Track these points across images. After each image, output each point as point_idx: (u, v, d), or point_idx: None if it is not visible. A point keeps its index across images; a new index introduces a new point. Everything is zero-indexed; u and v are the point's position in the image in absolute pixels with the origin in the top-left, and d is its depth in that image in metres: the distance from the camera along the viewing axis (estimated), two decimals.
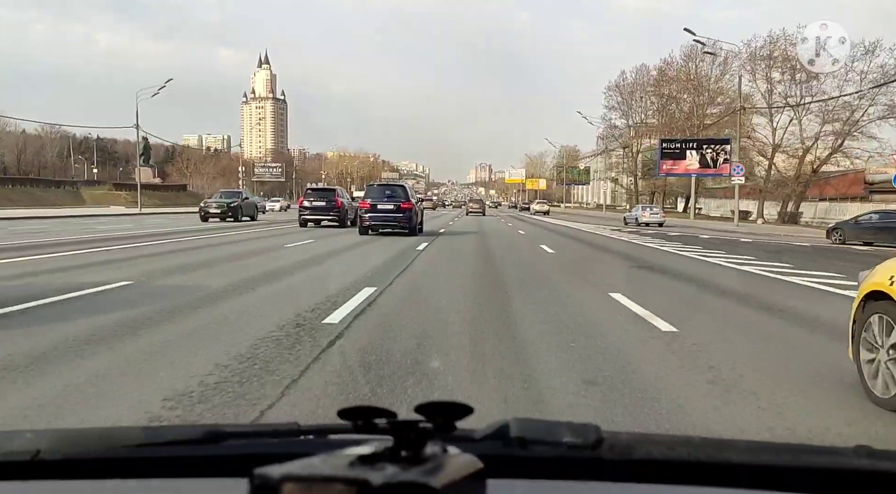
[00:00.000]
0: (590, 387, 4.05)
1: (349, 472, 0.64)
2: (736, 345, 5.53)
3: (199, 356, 4.67)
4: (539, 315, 6.75)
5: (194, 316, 6.34)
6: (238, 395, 3.75)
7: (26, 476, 0.94)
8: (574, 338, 5.58)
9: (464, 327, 6.02)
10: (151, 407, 3.52)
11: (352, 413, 0.78)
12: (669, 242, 21.45)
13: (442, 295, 8.20)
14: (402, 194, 20.90)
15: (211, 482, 0.94)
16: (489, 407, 3.56)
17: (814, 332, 6.30)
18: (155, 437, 1.02)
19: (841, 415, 3.65)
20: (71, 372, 4.21)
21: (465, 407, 0.77)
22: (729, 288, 9.92)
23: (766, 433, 3.30)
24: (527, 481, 0.90)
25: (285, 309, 6.53)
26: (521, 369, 4.48)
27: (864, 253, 18.35)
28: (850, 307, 4.21)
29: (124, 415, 3.42)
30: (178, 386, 3.89)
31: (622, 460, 0.91)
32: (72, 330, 5.42)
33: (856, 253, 18.97)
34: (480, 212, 56.08)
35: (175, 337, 5.38)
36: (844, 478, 0.91)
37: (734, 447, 1.02)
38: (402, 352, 4.86)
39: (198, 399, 3.67)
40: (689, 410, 3.66)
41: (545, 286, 9.36)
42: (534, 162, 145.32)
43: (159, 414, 3.42)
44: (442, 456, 0.71)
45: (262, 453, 0.88)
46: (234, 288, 8.23)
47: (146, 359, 4.62)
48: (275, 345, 4.99)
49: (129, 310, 6.44)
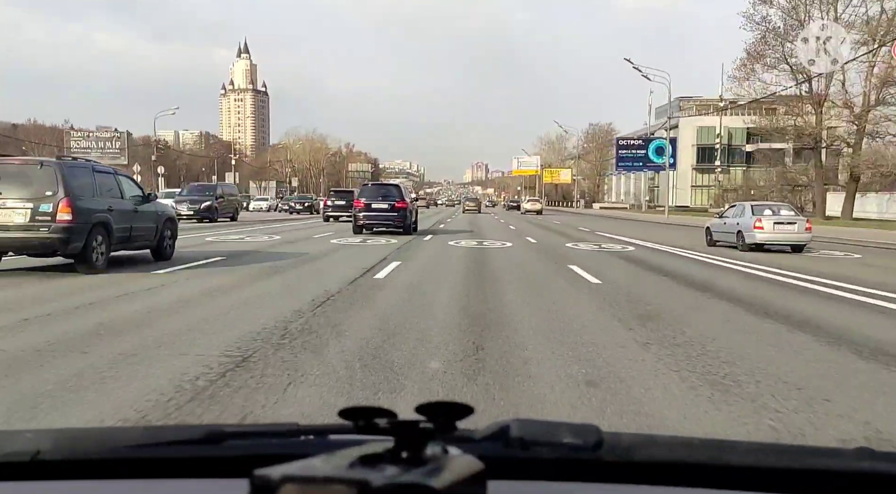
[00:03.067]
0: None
1: (349, 473, 0.64)
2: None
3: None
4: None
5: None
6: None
7: (26, 477, 0.94)
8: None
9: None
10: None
11: (352, 414, 0.78)
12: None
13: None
14: (396, 193, 20.99)
15: (211, 482, 0.93)
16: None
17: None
18: (155, 438, 1.02)
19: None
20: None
21: (466, 407, 0.77)
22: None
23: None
24: (527, 482, 0.90)
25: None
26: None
27: None
28: None
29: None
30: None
31: (622, 461, 0.91)
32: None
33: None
34: (476, 209, 59.44)
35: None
36: (845, 480, 0.91)
37: (735, 448, 1.02)
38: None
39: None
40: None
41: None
42: (552, 147, 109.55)
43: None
44: (442, 457, 0.71)
45: (262, 453, 0.88)
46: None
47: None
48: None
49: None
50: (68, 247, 9.15)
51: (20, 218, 8.95)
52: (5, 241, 9.06)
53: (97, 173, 10.12)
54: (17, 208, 8.98)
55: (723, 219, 17.96)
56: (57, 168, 9.28)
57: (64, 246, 9.10)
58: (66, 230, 8.98)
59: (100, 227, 9.55)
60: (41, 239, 8.98)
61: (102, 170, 10.61)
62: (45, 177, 9.11)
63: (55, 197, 8.96)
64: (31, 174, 9.24)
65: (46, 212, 8.93)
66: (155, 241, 11.22)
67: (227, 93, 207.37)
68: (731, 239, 16.92)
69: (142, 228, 10.79)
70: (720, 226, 17.82)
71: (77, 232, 9.11)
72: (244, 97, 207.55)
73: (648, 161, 56.06)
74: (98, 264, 9.45)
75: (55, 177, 9.09)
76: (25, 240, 9.08)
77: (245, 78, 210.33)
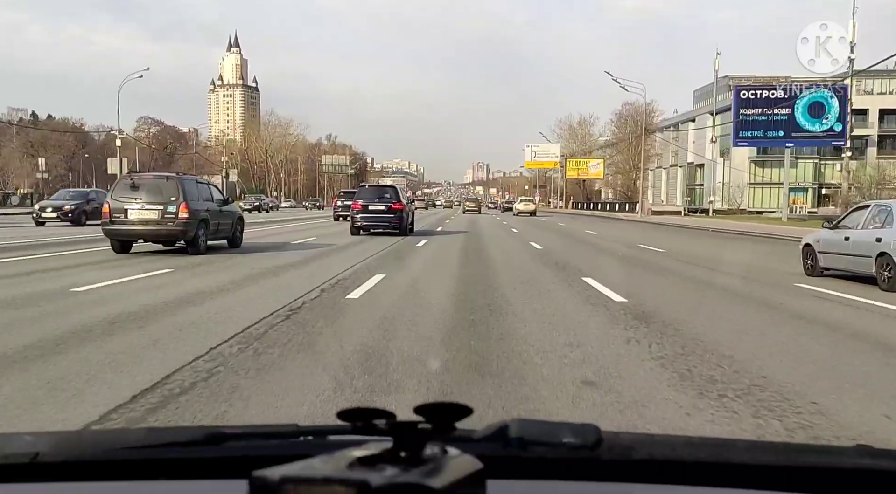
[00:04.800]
0: None
1: (348, 473, 0.64)
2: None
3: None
4: None
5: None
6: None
7: (26, 479, 0.94)
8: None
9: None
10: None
11: (351, 415, 0.78)
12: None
13: None
14: (392, 195, 21.47)
15: (210, 483, 0.93)
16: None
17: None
18: (154, 439, 1.02)
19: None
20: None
21: (465, 407, 0.77)
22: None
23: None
24: (526, 482, 0.90)
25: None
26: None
27: None
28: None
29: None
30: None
31: (621, 460, 0.91)
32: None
33: None
34: (476, 210, 59.20)
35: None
36: (844, 478, 0.91)
37: (734, 447, 1.02)
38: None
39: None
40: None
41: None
42: (573, 134, 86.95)
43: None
44: (441, 457, 0.71)
45: (261, 455, 0.88)
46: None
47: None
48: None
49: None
50: (185, 236, 12.91)
51: (155, 215, 12.71)
52: (145, 232, 12.91)
53: (198, 184, 14.11)
54: (152, 209, 12.71)
55: (839, 229, 10.88)
56: (178, 181, 13.20)
57: (183, 235, 12.92)
58: (185, 224, 12.72)
59: (203, 223, 13.23)
60: (169, 230, 12.80)
61: (201, 181, 14.87)
62: (170, 187, 12.92)
63: (177, 201, 12.66)
64: (161, 185, 13.03)
65: (172, 211, 12.65)
66: (231, 233, 14.79)
67: (215, 89, 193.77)
68: (859, 265, 10.13)
69: (224, 224, 14.40)
70: (835, 243, 10.72)
71: (191, 225, 12.83)
72: (233, 93, 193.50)
73: (796, 127, 36.81)
74: (202, 249, 13.12)
75: (177, 186, 12.91)
76: (158, 231, 12.84)
77: (235, 73, 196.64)
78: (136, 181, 13.29)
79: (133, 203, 12.73)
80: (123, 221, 12.76)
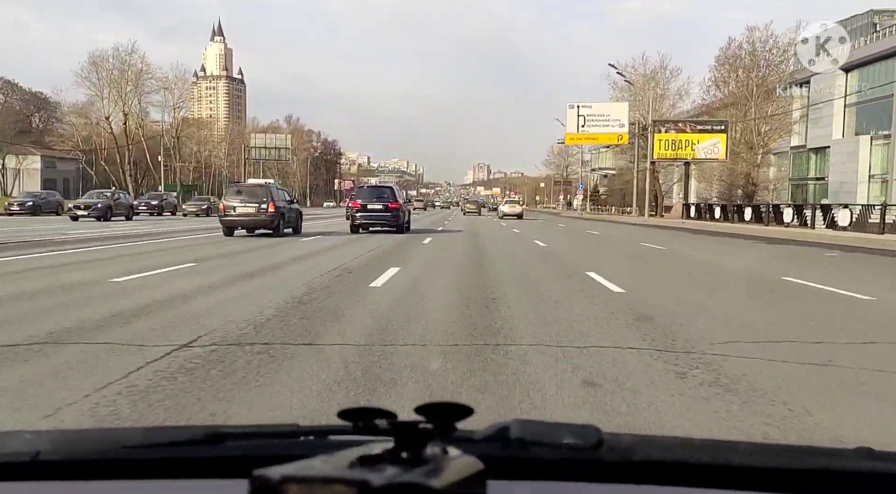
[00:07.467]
0: None
1: (349, 473, 0.64)
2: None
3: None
4: None
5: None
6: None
7: (26, 477, 0.94)
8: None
9: None
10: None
11: (352, 414, 0.78)
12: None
13: None
14: (390, 195, 22.69)
15: (210, 483, 0.93)
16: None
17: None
18: (154, 438, 1.02)
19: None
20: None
21: (466, 407, 0.77)
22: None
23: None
24: (527, 482, 0.90)
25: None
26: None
27: None
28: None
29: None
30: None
31: (622, 461, 0.91)
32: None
33: None
34: (476, 212, 59.08)
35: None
36: (845, 480, 0.91)
37: (735, 449, 1.02)
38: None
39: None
40: None
41: None
42: (640, 87, 50.08)
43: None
44: (442, 458, 0.71)
45: (261, 454, 0.88)
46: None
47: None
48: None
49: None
50: (272, 225, 18.94)
51: (253, 211, 18.76)
52: (247, 222, 18.92)
53: (279, 189, 20.57)
54: (251, 206, 18.78)
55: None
56: (267, 187, 19.70)
57: (271, 224, 18.93)
58: (272, 217, 18.82)
59: (282, 216, 19.27)
60: (262, 220, 18.84)
61: (278, 186, 21.51)
62: (262, 191, 19.15)
63: (267, 201, 18.72)
64: (257, 190, 19.31)
65: (264, 208, 18.72)
66: (295, 223, 20.70)
67: (197, 81, 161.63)
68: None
69: (292, 217, 20.44)
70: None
71: (276, 218, 18.92)
72: (216, 85, 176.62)
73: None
74: (281, 234, 19.07)
75: (267, 190, 19.23)
76: (256, 221, 18.90)
77: (218, 63, 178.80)
78: (239, 187, 20.34)
79: (238, 202, 18.94)
80: (231, 215, 18.92)
